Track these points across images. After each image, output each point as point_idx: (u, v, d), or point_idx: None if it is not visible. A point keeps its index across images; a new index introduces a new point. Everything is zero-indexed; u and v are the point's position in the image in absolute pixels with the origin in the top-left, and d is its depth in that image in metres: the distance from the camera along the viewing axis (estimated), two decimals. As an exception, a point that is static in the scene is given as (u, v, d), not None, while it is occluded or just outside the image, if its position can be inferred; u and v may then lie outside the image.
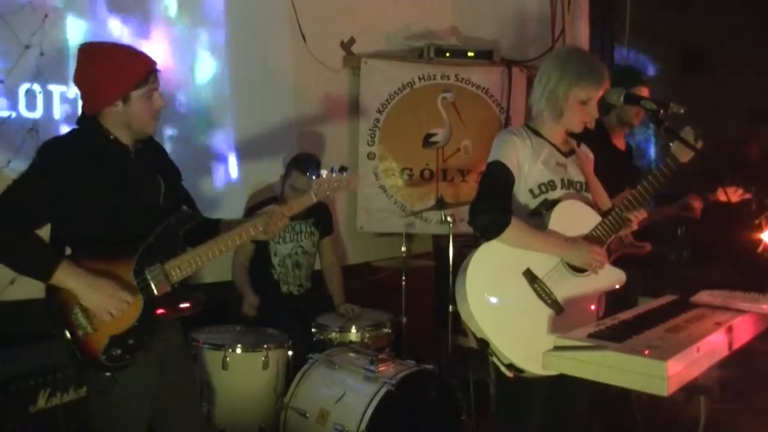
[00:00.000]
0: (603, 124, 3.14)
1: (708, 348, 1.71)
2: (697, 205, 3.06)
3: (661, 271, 3.34)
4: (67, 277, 2.00)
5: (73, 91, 3.25)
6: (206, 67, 3.86)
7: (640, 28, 4.43)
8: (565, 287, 2.22)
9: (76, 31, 3.26)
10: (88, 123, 2.14)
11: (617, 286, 2.32)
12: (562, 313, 2.20)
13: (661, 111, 2.17)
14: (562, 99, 2.26)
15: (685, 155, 2.20)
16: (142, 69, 2.13)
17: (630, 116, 3.08)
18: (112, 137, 2.13)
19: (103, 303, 2.02)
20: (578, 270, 2.24)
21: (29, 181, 2.03)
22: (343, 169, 2.46)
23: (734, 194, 2.98)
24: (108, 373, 2.07)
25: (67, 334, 2.04)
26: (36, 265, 2.01)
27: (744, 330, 1.95)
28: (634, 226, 2.29)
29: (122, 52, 2.18)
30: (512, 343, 2.15)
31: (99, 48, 2.22)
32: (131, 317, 2.09)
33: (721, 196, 2.99)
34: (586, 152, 2.50)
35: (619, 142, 3.20)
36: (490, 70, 4.59)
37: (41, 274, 2.01)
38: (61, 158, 2.04)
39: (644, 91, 2.98)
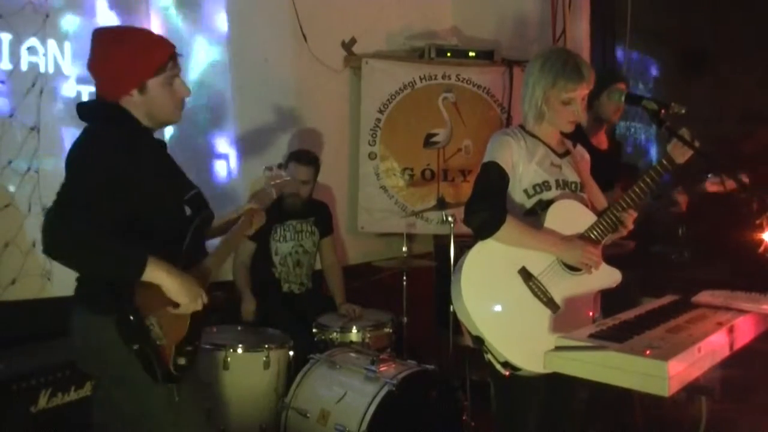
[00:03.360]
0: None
1: (709, 348, 1.71)
2: (683, 199, 3.04)
3: (663, 271, 3.34)
4: (157, 268, 1.84)
5: (74, 91, 3.26)
6: (207, 67, 3.86)
7: (640, 28, 4.42)
8: (561, 286, 2.23)
9: (76, 31, 3.26)
10: (115, 111, 1.97)
11: (613, 286, 2.32)
12: (557, 311, 2.20)
13: (662, 111, 2.17)
14: (542, 102, 2.29)
15: (681, 156, 2.19)
16: (159, 55, 1.98)
17: (607, 112, 3.07)
18: (143, 126, 2.00)
19: (192, 295, 1.91)
20: (573, 269, 2.24)
21: (86, 180, 1.84)
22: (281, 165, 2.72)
23: (713, 186, 2.92)
24: (172, 385, 1.93)
25: (149, 348, 1.87)
26: (128, 260, 1.83)
27: (745, 330, 1.95)
28: (629, 227, 2.29)
29: (137, 37, 2.03)
30: (508, 341, 2.16)
31: (113, 33, 2.08)
32: (185, 323, 1.97)
33: (710, 187, 2.95)
34: (582, 153, 2.50)
35: (599, 141, 3.18)
36: (491, 70, 4.59)
37: (135, 269, 1.82)
38: (112, 152, 1.87)
39: (621, 87, 2.97)
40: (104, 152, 1.88)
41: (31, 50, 3.10)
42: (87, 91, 3.29)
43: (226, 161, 4.00)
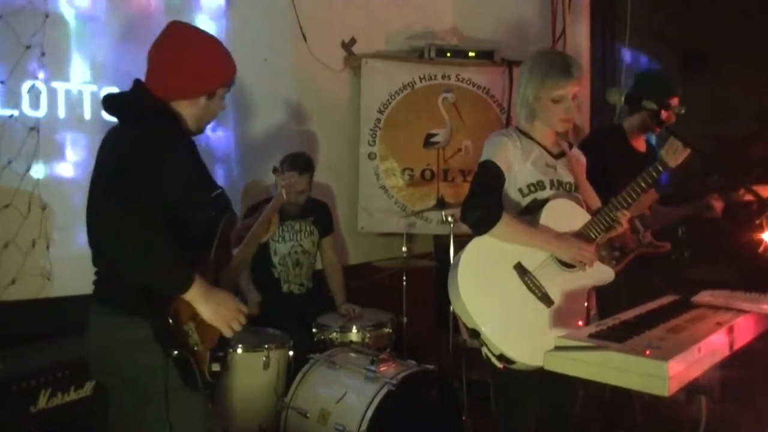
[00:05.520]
0: (622, 125, 3.13)
1: (709, 348, 1.71)
2: (718, 205, 3.04)
3: (662, 270, 3.34)
4: (199, 289, 1.79)
5: (75, 91, 3.25)
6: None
7: (640, 28, 4.42)
8: (555, 281, 2.26)
9: (76, 31, 3.26)
10: (164, 107, 1.94)
11: (605, 283, 2.35)
12: (552, 306, 2.24)
13: (662, 111, 2.18)
14: (533, 101, 2.33)
15: (674, 160, 2.23)
16: (233, 68, 2.05)
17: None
18: (183, 127, 1.97)
19: (227, 318, 1.86)
20: (567, 265, 2.28)
21: (142, 176, 1.77)
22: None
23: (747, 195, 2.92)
24: (207, 392, 1.91)
25: (189, 354, 1.82)
26: (177, 275, 1.77)
27: (745, 330, 1.94)
28: (624, 227, 2.32)
29: (219, 46, 2.04)
30: (503, 333, 2.19)
31: (197, 33, 2.05)
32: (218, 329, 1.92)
33: (746, 195, 2.94)
34: (578, 155, 2.53)
35: (639, 144, 3.18)
36: (490, 70, 4.60)
37: (180, 285, 1.77)
38: (167, 150, 1.85)
39: (675, 102, 2.93)
40: (161, 149, 1.83)
41: (31, 50, 3.10)
42: (88, 91, 3.29)
43: (225, 161, 3.99)
